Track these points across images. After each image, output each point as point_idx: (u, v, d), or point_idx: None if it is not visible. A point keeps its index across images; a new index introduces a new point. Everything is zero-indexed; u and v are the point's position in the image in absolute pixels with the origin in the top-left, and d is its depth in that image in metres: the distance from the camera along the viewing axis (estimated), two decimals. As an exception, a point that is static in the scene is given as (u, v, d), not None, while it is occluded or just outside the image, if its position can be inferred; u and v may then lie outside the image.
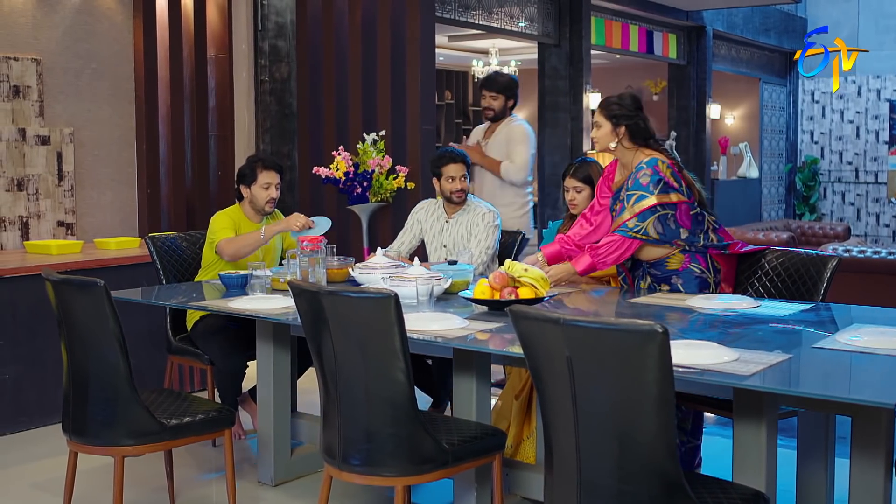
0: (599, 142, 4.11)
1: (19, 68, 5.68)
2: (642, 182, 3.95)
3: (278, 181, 4.81)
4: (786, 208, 15.65)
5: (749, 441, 2.85)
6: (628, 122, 4.03)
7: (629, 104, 4.05)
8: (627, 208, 3.97)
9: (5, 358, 4.95)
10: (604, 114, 4.06)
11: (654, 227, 3.93)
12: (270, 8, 6.43)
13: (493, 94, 5.78)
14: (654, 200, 3.92)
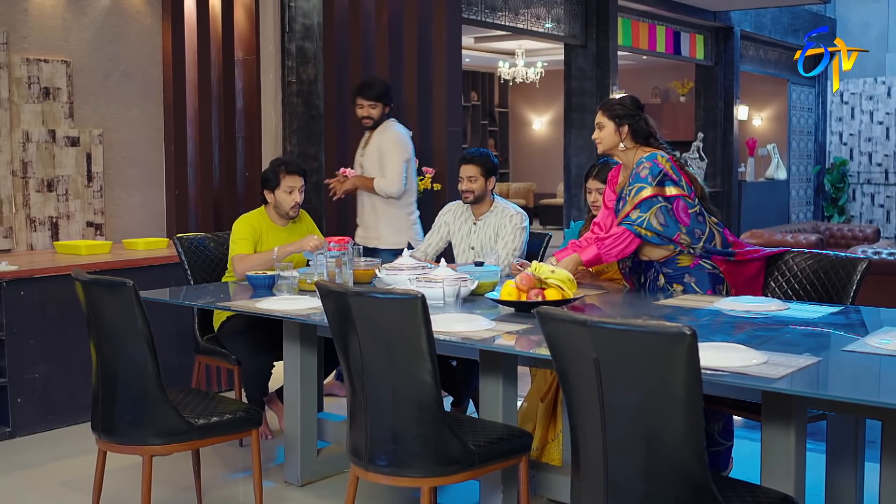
0: (603, 143, 4.10)
1: (49, 70, 5.73)
2: (641, 175, 3.96)
3: (302, 185, 4.81)
4: (814, 210, 15.54)
5: (778, 444, 2.83)
6: (631, 122, 4.04)
7: (630, 104, 4.07)
8: (629, 201, 3.97)
9: (35, 357, 4.99)
10: (606, 114, 4.07)
11: (656, 218, 3.92)
12: (297, 10, 6.46)
13: (371, 102, 5.47)
14: (650, 191, 3.92)
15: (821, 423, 3.65)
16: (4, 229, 5.56)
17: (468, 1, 8.80)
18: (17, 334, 4.92)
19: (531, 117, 19.05)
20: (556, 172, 16.21)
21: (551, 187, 18.13)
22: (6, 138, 5.54)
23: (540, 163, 18.76)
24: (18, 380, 4.94)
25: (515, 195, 17.82)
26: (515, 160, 19.08)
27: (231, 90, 6.36)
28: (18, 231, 5.63)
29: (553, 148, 17.76)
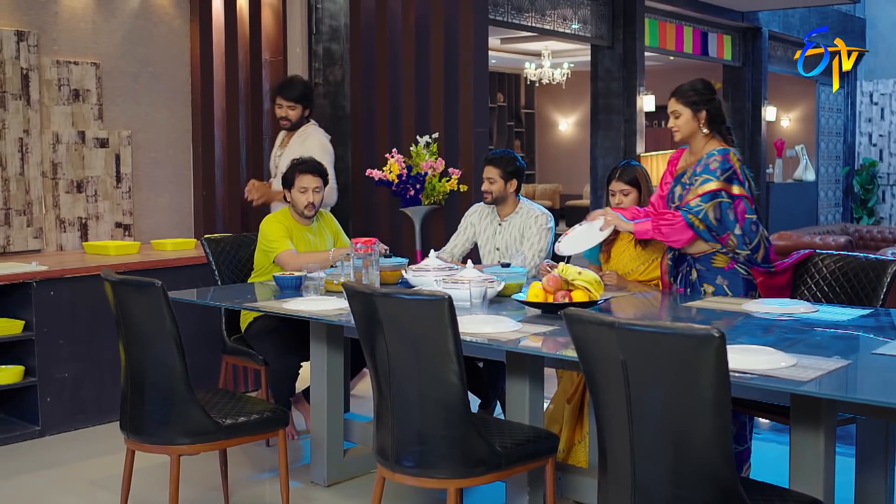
0: (682, 130, 4.05)
1: (79, 72, 5.78)
2: (711, 167, 3.94)
3: (317, 185, 4.80)
4: (843, 212, 15.41)
5: (807, 448, 2.81)
6: (708, 107, 4.01)
7: (703, 88, 4.03)
8: (692, 190, 3.95)
9: (65, 357, 5.04)
10: (681, 101, 4.03)
11: (713, 212, 3.89)
12: (324, 11, 6.48)
13: (291, 102, 5.40)
14: (716, 185, 3.90)
15: (850, 426, 3.62)
16: (34, 230, 5.61)
17: (495, 2, 8.79)
18: (46, 334, 4.96)
19: (557, 118, 19.02)
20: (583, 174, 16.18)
21: (577, 189, 18.09)
22: (37, 140, 5.59)
23: (566, 164, 18.72)
24: (48, 379, 4.98)
25: (541, 196, 17.79)
26: (541, 161, 19.05)
27: (258, 91, 6.39)
28: (48, 231, 5.68)
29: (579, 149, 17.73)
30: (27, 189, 5.56)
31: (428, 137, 5.90)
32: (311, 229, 4.89)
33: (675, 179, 4.12)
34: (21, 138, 5.53)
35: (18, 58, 5.50)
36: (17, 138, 5.52)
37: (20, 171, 5.53)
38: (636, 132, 10.47)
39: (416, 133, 6.09)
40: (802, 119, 16.05)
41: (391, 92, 6.32)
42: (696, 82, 4.06)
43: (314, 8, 6.46)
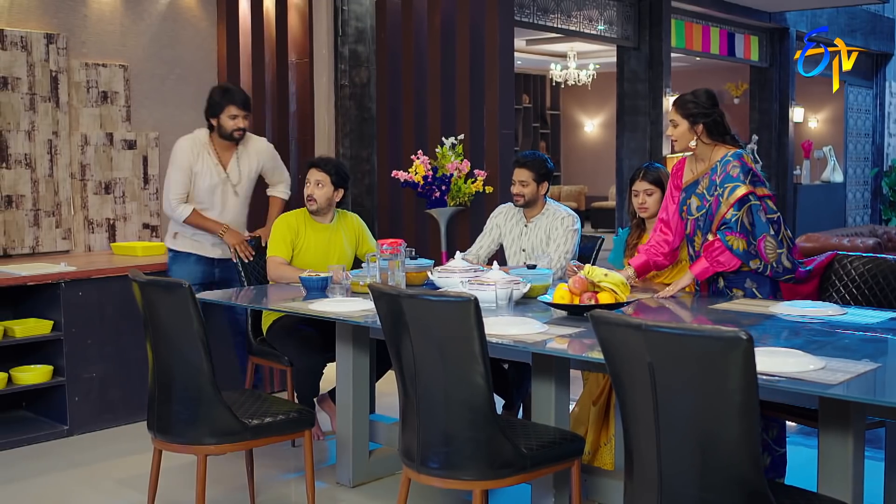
0: (679, 141, 4.07)
1: (107, 74, 5.82)
2: (732, 174, 3.92)
3: (318, 179, 4.83)
4: (871, 213, 15.28)
5: (835, 452, 2.79)
6: (705, 120, 3.99)
7: (704, 101, 4.01)
8: (724, 202, 3.92)
9: (92, 357, 5.07)
10: (680, 112, 4.03)
11: (747, 217, 3.87)
12: (350, 13, 6.49)
13: (247, 112, 5.04)
14: (744, 189, 3.88)
15: (879, 430, 3.59)
16: (63, 231, 5.65)
17: (520, 3, 8.78)
18: (74, 334, 5.00)
19: (583, 120, 18.97)
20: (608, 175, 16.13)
21: (603, 190, 18.04)
22: (65, 141, 5.64)
23: (592, 165, 18.67)
24: (76, 379, 5.02)
25: (567, 198, 17.76)
26: (567, 163, 19.01)
27: (284, 93, 6.41)
28: (76, 232, 5.73)
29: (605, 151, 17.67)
30: (56, 190, 5.61)
31: (454, 139, 5.90)
32: (328, 228, 4.88)
33: (687, 191, 4.09)
34: (50, 140, 5.58)
35: (48, 60, 5.55)
36: (47, 140, 5.56)
37: (49, 173, 5.58)
38: (662, 133, 10.42)
39: (442, 134, 6.09)
40: (830, 120, 15.94)
41: (417, 93, 6.32)
42: (701, 94, 4.04)
43: (340, 10, 6.48)
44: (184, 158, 5.00)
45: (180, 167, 5.00)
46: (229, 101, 4.96)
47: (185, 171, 4.99)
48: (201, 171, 5.01)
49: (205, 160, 5.02)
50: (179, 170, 5.00)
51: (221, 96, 4.98)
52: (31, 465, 4.59)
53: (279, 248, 4.77)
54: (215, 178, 5.03)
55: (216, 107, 4.98)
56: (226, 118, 4.97)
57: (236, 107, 4.97)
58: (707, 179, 4.01)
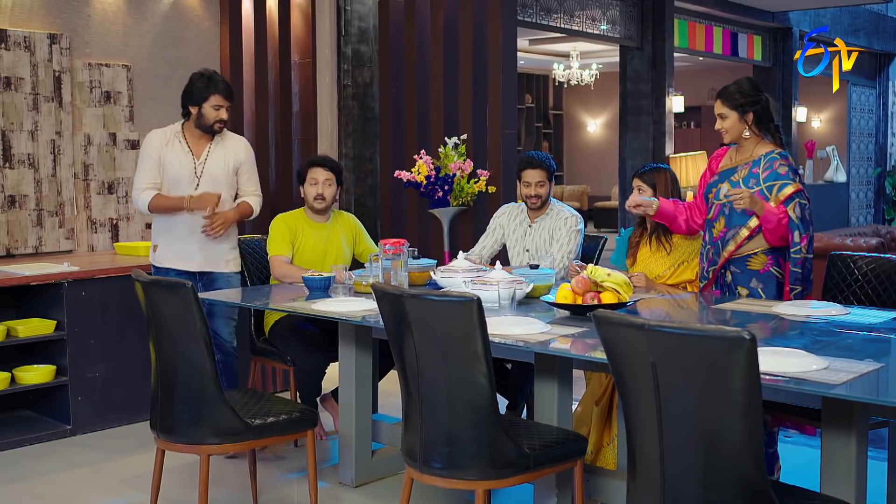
0: (730, 132, 4.06)
1: (110, 74, 5.83)
2: (781, 172, 3.94)
3: (327, 177, 4.84)
4: (874, 213, 15.27)
5: (838, 452, 2.79)
6: (755, 108, 4.01)
7: (749, 89, 4.02)
8: (773, 198, 3.92)
9: (95, 356, 5.08)
10: (727, 104, 4.03)
11: (794, 212, 3.88)
12: (353, 13, 6.49)
13: (230, 104, 4.80)
14: (793, 188, 3.92)
15: (882, 430, 3.59)
16: (66, 230, 5.66)
17: (523, 3, 8.78)
18: (77, 334, 5.00)
19: (586, 119, 18.97)
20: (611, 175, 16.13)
21: (606, 190, 18.04)
22: (68, 141, 5.64)
23: (594, 165, 18.67)
24: (79, 378, 5.03)
25: (570, 198, 17.76)
26: (570, 163, 19.01)
27: (287, 93, 6.41)
28: (80, 232, 5.73)
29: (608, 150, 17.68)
30: (59, 190, 5.61)
31: (456, 139, 5.90)
32: (326, 227, 4.88)
33: (721, 175, 4.10)
34: (53, 140, 5.58)
35: (51, 60, 5.55)
36: (50, 140, 5.57)
37: (52, 173, 5.59)
38: (665, 133, 10.42)
39: (445, 134, 6.09)
40: (833, 120, 15.93)
41: (420, 93, 6.32)
42: (743, 83, 4.05)
43: (343, 10, 6.48)
44: (153, 147, 4.74)
45: (149, 156, 4.73)
46: (214, 89, 4.66)
47: (153, 159, 4.72)
48: (171, 160, 4.71)
49: (175, 148, 4.73)
50: (148, 158, 4.74)
51: (206, 84, 4.66)
52: (35, 465, 4.60)
53: (281, 247, 4.78)
54: (185, 166, 4.70)
55: (198, 94, 4.66)
56: (209, 108, 4.67)
57: (221, 96, 4.68)
58: (746, 170, 4.01)
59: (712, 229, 4.10)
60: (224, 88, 4.70)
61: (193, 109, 4.70)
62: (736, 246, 4.00)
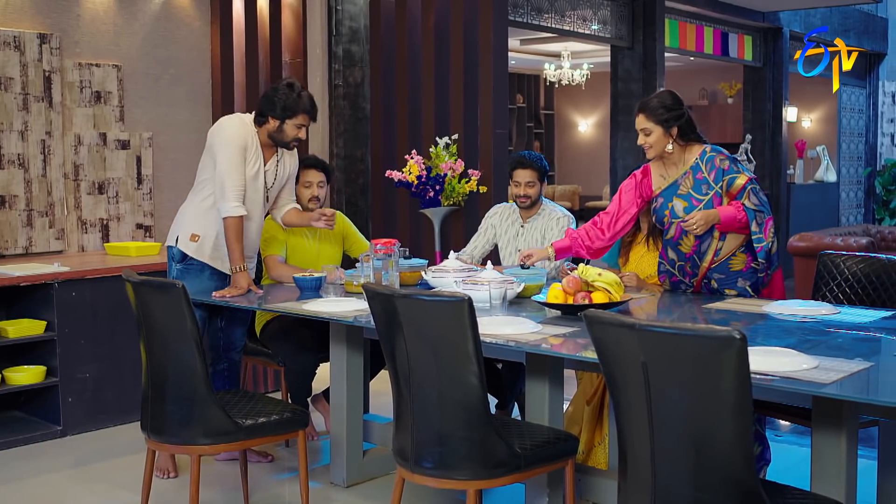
0: (654, 147, 4.00)
1: (101, 74, 5.81)
2: (724, 167, 3.92)
3: (321, 180, 4.82)
4: (865, 213, 15.31)
5: (828, 451, 2.80)
6: (679, 122, 3.96)
7: (672, 103, 3.96)
8: (725, 195, 3.91)
9: (86, 357, 5.06)
10: (651, 119, 3.96)
11: (749, 199, 3.87)
12: (344, 13, 6.49)
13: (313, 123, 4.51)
14: (744, 178, 3.90)
15: (872, 429, 3.60)
16: (56, 231, 5.64)
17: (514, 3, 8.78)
18: (68, 334, 4.99)
19: (577, 119, 18.98)
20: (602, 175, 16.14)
21: (597, 190, 18.04)
22: (59, 141, 5.63)
23: (586, 165, 18.68)
24: (69, 379, 5.01)
25: (561, 198, 17.76)
26: (561, 163, 19.02)
27: (278, 93, 6.40)
28: (70, 233, 5.72)
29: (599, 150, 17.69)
30: (49, 190, 5.60)
31: (447, 139, 5.90)
32: (314, 230, 4.85)
33: (665, 195, 4.06)
34: (43, 140, 5.57)
35: (41, 60, 5.54)
36: (40, 140, 5.55)
37: (42, 173, 5.57)
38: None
39: (436, 134, 6.09)
40: (824, 120, 15.96)
41: (411, 93, 6.32)
42: (665, 96, 3.99)
43: (334, 10, 6.47)
44: (240, 136, 4.27)
45: (239, 146, 4.25)
46: (301, 108, 4.28)
47: (242, 151, 4.26)
48: (248, 158, 4.32)
49: (252, 152, 4.33)
50: (238, 150, 4.25)
51: (296, 102, 4.27)
52: (25, 466, 4.58)
53: (274, 247, 4.76)
54: (252, 171, 4.34)
55: (283, 110, 4.26)
56: (292, 125, 4.29)
57: (308, 116, 4.33)
58: (690, 179, 3.98)
59: (679, 247, 4.06)
60: (311, 108, 4.35)
61: (273, 121, 4.30)
62: (713, 253, 3.99)
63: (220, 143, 4.26)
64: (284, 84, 4.33)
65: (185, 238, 4.36)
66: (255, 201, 4.36)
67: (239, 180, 4.23)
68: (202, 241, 4.34)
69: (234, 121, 4.34)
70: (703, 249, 4.01)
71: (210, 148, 4.32)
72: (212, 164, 4.29)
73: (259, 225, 4.44)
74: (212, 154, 4.29)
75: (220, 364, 4.52)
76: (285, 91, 4.28)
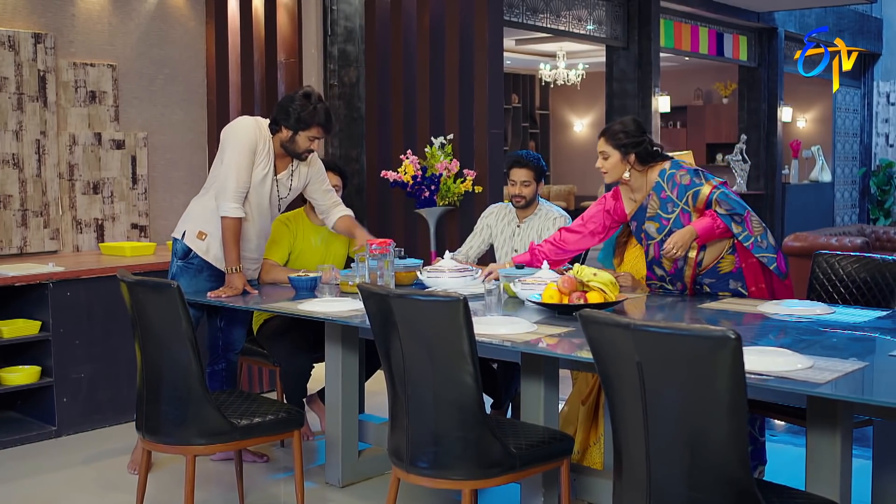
0: (610, 173, 4.03)
1: (96, 74, 5.81)
2: (685, 182, 3.93)
3: (336, 183, 4.80)
4: (859, 213, 15.34)
5: (823, 450, 2.80)
6: (637, 149, 3.96)
7: (634, 130, 3.97)
8: (693, 210, 3.91)
9: (80, 357, 5.06)
10: (611, 143, 3.98)
11: (721, 207, 3.86)
12: (340, 13, 6.48)
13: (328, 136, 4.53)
14: (708, 188, 3.89)
15: (867, 428, 3.61)
16: (51, 231, 5.64)
17: (509, 3, 8.79)
18: (62, 334, 4.98)
19: (572, 119, 18.99)
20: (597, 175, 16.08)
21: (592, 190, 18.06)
22: (53, 141, 5.62)
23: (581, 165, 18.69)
24: (64, 379, 5.01)
25: (556, 197, 17.78)
26: (556, 162, 19.03)
27: (274, 93, 6.40)
28: (65, 232, 5.71)
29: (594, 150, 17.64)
30: (44, 190, 5.59)
31: (443, 139, 5.90)
32: (323, 229, 4.85)
33: (636, 219, 4.06)
34: (38, 140, 5.56)
35: (35, 60, 5.53)
36: (34, 140, 5.55)
37: (37, 173, 5.56)
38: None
39: (431, 134, 6.09)
40: (819, 120, 15.99)
41: (406, 93, 6.32)
42: (629, 123, 4.00)
43: (329, 9, 6.47)
44: (251, 137, 4.19)
45: (248, 147, 4.18)
46: (316, 121, 4.19)
47: (251, 153, 4.19)
48: (257, 162, 4.25)
49: (263, 158, 4.25)
50: (247, 151, 4.18)
51: (311, 114, 4.18)
52: (20, 466, 4.58)
53: (274, 251, 4.73)
54: (260, 176, 4.26)
55: (297, 122, 4.17)
56: (304, 137, 4.22)
57: (322, 129, 4.24)
58: (655, 199, 3.99)
59: (661, 265, 4.07)
60: (326, 121, 4.24)
61: (286, 131, 4.22)
62: (693, 267, 3.99)
63: (230, 141, 4.20)
64: (301, 94, 4.22)
65: (192, 234, 4.31)
66: (260, 206, 4.31)
67: (242, 181, 4.18)
68: (209, 240, 4.30)
69: (249, 122, 4.27)
70: (681, 266, 4.01)
71: (221, 144, 4.27)
72: (220, 161, 4.26)
73: (262, 229, 4.40)
74: (221, 150, 4.26)
75: (217, 364, 4.51)
76: (301, 102, 4.18)
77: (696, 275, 4.01)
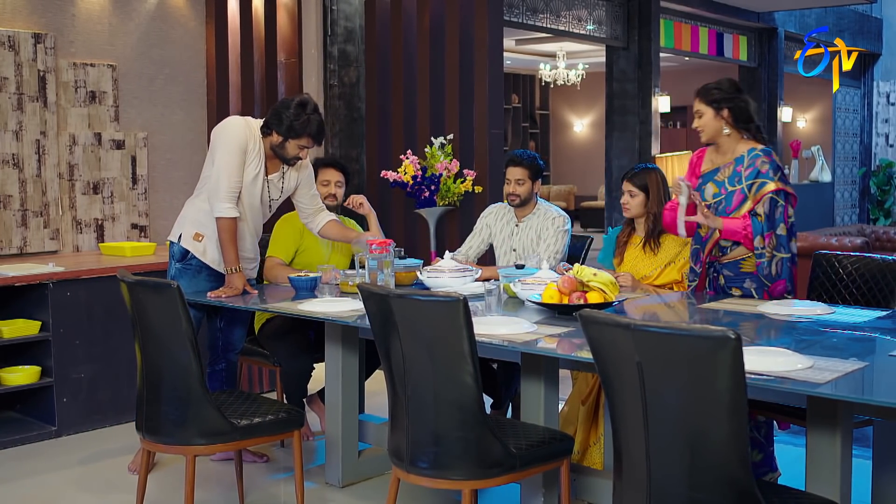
0: (706, 130, 4.02)
1: (96, 74, 5.81)
2: (762, 170, 3.91)
3: (338, 179, 4.82)
4: (859, 213, 15.35)
5: (823, 450, 2.80)
6: (730, 105, 3.97)
7: (728, 87, 3.99)
8: (751, 196, 3.91)
9: (80, 357, 5.06)
10: (704, 100, 4.00)
11: (762, 206, 3.86)
12: (340, 13, 6.48)
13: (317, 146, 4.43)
14: (774, 186, 3.88)
15: (867, 428, 3.61)
16: (51, 231, 5.63)
17: (509, 3, 8.79)
18: (62, 335, 4.98)
19: (572, 119, 19.00)
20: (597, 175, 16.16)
21: (592, 190, 18.07)
22: (53, 141, 5.62)
23: (581, 165, 18.70)
24: (64, 379, 5.01)
25: (556, 198, 17.78)
26: (556, 162, 19.04)
27: (274, 93, 6.40)
28: (65, 233, 5.71)
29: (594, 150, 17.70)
30: (44, 190, 5.59)
31: (443, 139, 5.90)
32: None
33: (704, 178, 4.08)
34: (38, 140, 5.56)
35: (35, 60, 5.53)
36: (34, 140, 5.54)
37: (37, 173, 5.56)
38: (651, 133, 10.44)
39: (431, 134, 6.09)
40: (818, 120, 15.99)
41: (406, 93, 6.32)
42: (723, 81, 4.04)
43: (329, 10, 6.47)
44: (241, 137, 4.18)
45: (239, 147, 4.17)
46: (307, 131, 4.18)
47: (241, 153, 4.17)
48: (249, 169, 4.24)
49: (254, 159, 4.25)
50: (238, 150, 4.16)
51: (304, 124, 4.17)
52: (20, 467, 4.58)
53: (279, 250, 4.73)
54: (251, 175, 4.25)
55: (289, 130, 4.17)
56: (294, 145, 4.21)
57: (312, 140, 4.23)
58: (730, 169, 4.00)
59: (699, 229, 4.10)
60: (318, 133, 4.23)
61: (276, 136, 4.21)
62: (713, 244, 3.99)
63: (221, 141, 4.20)
64: (297, 102, 4.20)
65: (188, 236, 4.30)
66: (252, 206, 4.30)
67: (234, 181, 4.17)
68: (206, 241, 4.29)
69: (239, 121, 4.27)
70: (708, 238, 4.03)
71: (211, 145, 4.27)
72: (212, 162, 4.26)
73: (255, 228, 4.40)
74: (212, 151, 4.26)
75: (217, 364, 4.51)
76: (296, 110, 4.16)
77: (716, 259, 4.01)
